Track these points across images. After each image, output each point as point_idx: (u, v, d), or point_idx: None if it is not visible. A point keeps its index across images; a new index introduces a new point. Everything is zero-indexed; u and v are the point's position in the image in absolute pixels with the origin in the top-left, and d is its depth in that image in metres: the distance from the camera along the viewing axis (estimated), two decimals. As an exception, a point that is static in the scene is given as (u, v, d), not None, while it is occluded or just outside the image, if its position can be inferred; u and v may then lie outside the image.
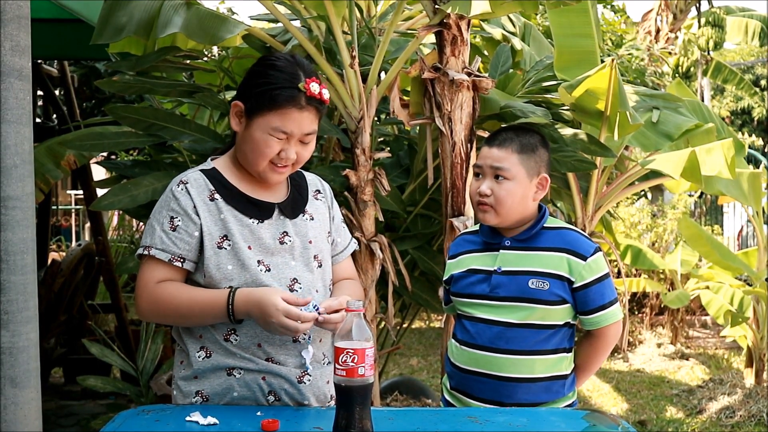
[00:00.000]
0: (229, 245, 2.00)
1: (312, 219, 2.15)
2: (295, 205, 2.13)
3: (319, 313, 1.90)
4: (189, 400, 2.04)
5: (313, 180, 2.26)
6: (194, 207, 2.01)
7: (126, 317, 6.00)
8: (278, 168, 2.03)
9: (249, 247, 2.01)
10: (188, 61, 3.95)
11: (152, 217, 2.05)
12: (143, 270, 2.02)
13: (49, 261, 6.21)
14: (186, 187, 2.03)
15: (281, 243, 2.06)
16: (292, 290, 2.03)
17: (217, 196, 2.03)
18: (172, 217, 2.01)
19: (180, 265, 2.00)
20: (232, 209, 2.03)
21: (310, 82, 1.98)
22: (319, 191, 2.24)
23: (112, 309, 6.26)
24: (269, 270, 2.02)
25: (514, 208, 2.32)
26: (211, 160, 2.15)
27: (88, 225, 11.30)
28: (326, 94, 2.02)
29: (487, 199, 2.32)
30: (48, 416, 5.07)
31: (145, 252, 2.01)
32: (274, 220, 2.07)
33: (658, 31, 12.75)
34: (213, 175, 2.07)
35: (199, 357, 2.03)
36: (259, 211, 2.06)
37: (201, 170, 2.09)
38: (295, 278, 2.05)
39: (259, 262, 2.02)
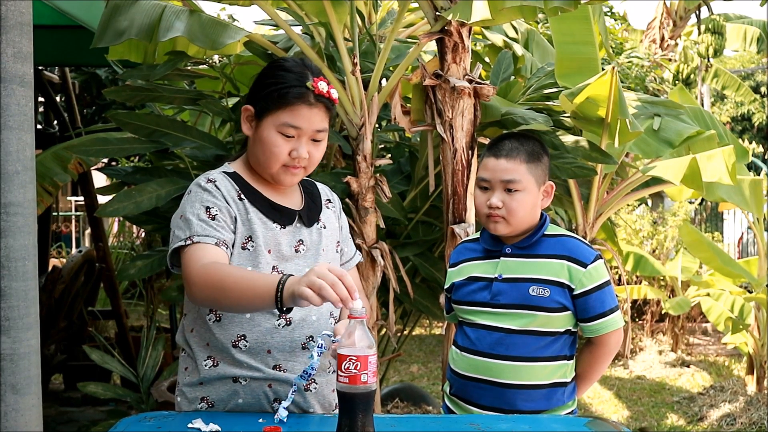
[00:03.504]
0: (252, 247, 1.99)
1: (325, 228, 2.16)
2: (311, 213, 2.14)
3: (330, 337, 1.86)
4: (194, 406, 2.04)
5: (323, 189, 2.27)
6: (227, 203, 1.99)
7: (126, 324, 5.99)
8: (291, 169, 2.03)
9: (269, 251, 2.01)
10: (191, 68, 3.95)
11: (184, 212, 1.98)
12: (188, 257, 1.90)
13: (50, 267, 6.20)
14: (216, 185, 2.01)
15: (296, 251, 2.06)
16: None
17: (243, 196, 2.03)
18: (208, 207, 1.95)
19: (225, 250, 1.92)
20: (258, 211, 2.03)
21: (318, 80, 1.99)
22: (329, 200, 2.25)
23: (112, 315, 6.25)
24: None
25: (526, 217, 2.32)
26: (229, 164, 2.14)
27: (88, 231, 11.28)
28: (335, 94, 2.04)
29: (499, 212, 2.31)
30: (48, 423, 5.07)
31: (187, 242, 1.91)
32: (293, 227, 2.08)
33: (662, 39, 12.77)
34: (236, 178, 2.07)
35: (206, 365, 2.02)
36: (282, 216, 2.06)
37: (223, 172, 2.08)
38: None
39: (273, 268, 2.01)
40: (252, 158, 2.08)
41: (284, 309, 1.75)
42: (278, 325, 2.00)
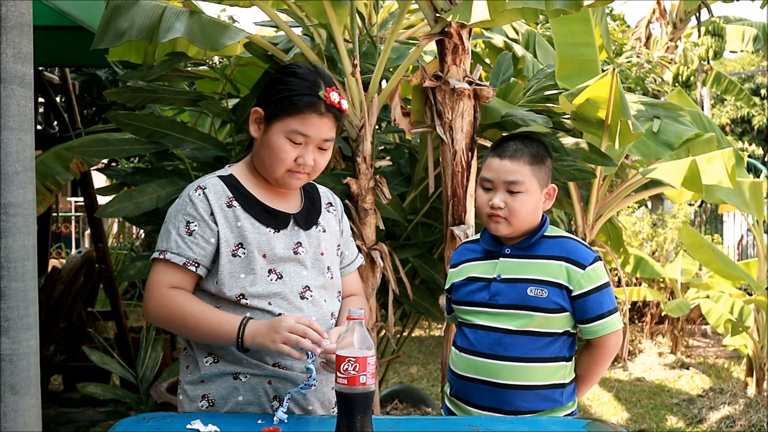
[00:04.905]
0: (244, 253, 2.00)
1: (324, 231, 2.17)
2: (309, 216, 2.15)
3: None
4: (196, 404, 2.05)
5: (325, 192, 2.28)
6: (211, 213, 2.01)
7: (126, 324, 5.99)
8: (296, 174, 2.04)
9: (264, 256, 2.02)
10: (191, 69, 3.95)
11: (168, 222, 2.06)
12: (155, 273, 2.02)
13: (50, 268, 6.20)
14: (204, 193, 2.03)
15: (295, 253, 2.07)
16: (303, 298, 2.04)
17: (235, 203, 2.04)
18: (188, 222, 2.01)
19: (194, 270, 1.99)
20: (250, 217, 2.03)
21: (330, 90, 2.01)
22: (330, 204, 2.26)
23: (112, 316, 6.25)
24: (281, 278, 2.03)
25: (527, 219, 2.32)
26: (229, 166, 2.15)
27: (88, 232, 11.30)
28: (345, 104, 2.05)
29: (501, 212, 2.31)
30: (47, 423, 5.06)
31: (161, 256, 2.00)
32: (289, 231, 2.08)
33: (648, 37, 12.76)
34: (231, 182, 2.08)
35: (206, 362, 2.04)
36: (276, 220, 2.07)
37: (219, 176, 2.09)
38: (307, 286, 2.06)
39: (270, 271, 2.02)
40: (257, 161, 2.09)
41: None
42: None
